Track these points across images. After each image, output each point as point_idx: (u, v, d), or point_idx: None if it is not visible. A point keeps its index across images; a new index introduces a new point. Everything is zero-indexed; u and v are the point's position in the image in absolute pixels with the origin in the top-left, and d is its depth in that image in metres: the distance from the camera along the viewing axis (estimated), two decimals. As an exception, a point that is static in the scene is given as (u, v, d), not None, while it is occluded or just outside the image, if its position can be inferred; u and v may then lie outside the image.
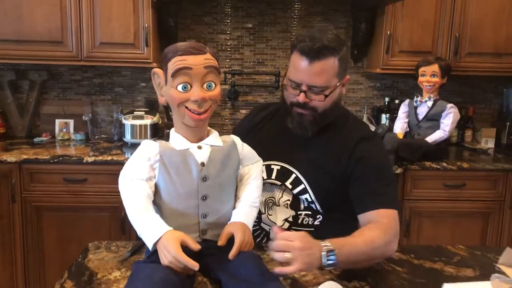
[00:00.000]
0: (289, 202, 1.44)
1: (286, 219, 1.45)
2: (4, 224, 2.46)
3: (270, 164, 1.46)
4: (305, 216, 1.43)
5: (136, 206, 1.07)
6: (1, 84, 2.98)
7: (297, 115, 1.39)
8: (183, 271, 1.03)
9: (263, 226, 1.49)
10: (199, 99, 1.08)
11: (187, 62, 1.07)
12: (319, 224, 1.43)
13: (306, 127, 1.40)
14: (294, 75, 1.35)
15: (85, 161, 2.43)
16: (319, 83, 1.33)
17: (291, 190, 1.42)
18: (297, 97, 1.36)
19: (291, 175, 1.43)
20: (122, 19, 2.64)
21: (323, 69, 1.32)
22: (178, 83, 1.08)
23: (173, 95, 1.09)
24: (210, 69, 1.09)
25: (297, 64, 1.34)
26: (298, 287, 1.11)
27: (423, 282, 1.16)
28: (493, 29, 2.77)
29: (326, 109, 1.37)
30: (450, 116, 2.62)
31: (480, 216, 2.62)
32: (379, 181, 1.34)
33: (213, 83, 1.11)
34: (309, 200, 1.41)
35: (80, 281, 1.09)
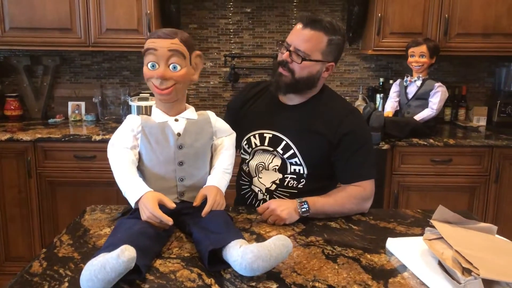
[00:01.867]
0: (277, 167, 1.62)
1: (274, 181, 1.63)
2: (22, 198, 2.70)
3: (263, 133, 1.63)
4: (291, 179, 1.61)
5: (122, 170, 1.26)
6: (17, 69, 3.20)
7: (278, 74, 1.56)
8: (159, 225, 1.21)
9: (253, 188, 1.67)
10: (159, 77, 1.25)
11: (154, 44, 1.25)
12: (302, 187, 1.61)
13: (281, 87, 1.56)
14: (289, 37, 1.55)
15: (94, 139, 2.64)
16: (303, 48, 1.50)
17: (282, 155, 1.60)
18: (283, 55, 1.54)
19: (281, 142, 1.60)
20: (126, 6, 2.81)
21: (310, 38, 1.50)
22: (147, 61, 1.26)
23: (144, 71, 1.28)
24: (173, 52, 1.25)
25: (294, 29, 1.54)
26: (262, 241, 1.27)
27: (372, 238, 1.32)
28: (482, 10, 2.85)
29: (302, 77, 1.53)
30: (437, 94, 2.73)
31: (466, 190, 2.75)
32: (361, 154, 1.56)
33: (178, 66, 1.27)
34: (298, 163, 1.58)
35: (75, 235, 1.29)
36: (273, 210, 1.40)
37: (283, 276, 1.07)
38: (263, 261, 1.03)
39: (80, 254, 1.17)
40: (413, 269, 1.11)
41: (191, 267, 1.11)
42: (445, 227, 1.16)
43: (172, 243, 1.24)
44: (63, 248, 1.20)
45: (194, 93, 3.33)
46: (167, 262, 1.13)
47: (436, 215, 1.20)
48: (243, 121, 1.68)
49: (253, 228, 1.36)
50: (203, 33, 3.24)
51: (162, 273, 1.08)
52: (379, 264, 1.15)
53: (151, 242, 1.15)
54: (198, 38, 3.24)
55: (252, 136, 1.65)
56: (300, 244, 1.26)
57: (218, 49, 3.27)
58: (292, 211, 1.41)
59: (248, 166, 1.67)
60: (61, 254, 1.17)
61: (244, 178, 1.71)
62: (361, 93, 3.27)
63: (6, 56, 3.21)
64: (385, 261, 1.17)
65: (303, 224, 1.40)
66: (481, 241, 1.12)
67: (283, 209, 1.40)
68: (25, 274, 1.06)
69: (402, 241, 1.25)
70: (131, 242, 1.04)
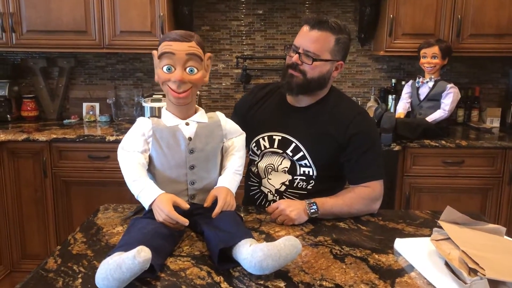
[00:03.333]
0: (287, 169, 1.63)
1: (283, 182, 1.65)
2: (38, 197, 2.76)
3: (272, 135, 1.65)
4: (300, 180, 1.63)
5: (133, 173, 1.28)
6: (34, 71, 3.26)
7: (289, 76, 1.57)
8: (175, 226, 1.24)
9: (263, 189, 1.69)
10: (177, 80, 1.26)
11: (171, 48, 1.26)
12: (311, 188, 1.63)
13: (293, 88, 1.58)
14: (296, 40, 1.57)
15: (107, 140, 2.68)
16: (312, 49, 1.52)
17: (291, 157, 1.61)
18: (293, 58, 1.56)
19: (291, 144, 1.62)
20: (140, 9, 2.85)
21: (318, 39, 1.52)
22: (163, 64, 1.27)
23: (159, 74, 1.29)
24: (191, 56, 1.27)
25: (301, 31, 1.57)
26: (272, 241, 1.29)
27: (381, 238, 1.33)
28: (495, 10, 2.83)
29: (313, 78, 1.55)
30: (450, 96, 2.72)
31: (478, 192, 2.73)
32: (370, 155, 1.58)
33: (195, 69, 1.28)
34: (307, 165, 1.60)
35: (88, 233, 1.32)
36: (282, 210, 1.42)
37: (291, 274, 1.09)
38: (272, 260, 1.04)
39: (93, 251, 1.20)
40: (420, 269, 1.12)
41: (201, 265, 1.13)
42: (452, 227, 1.16)
43: (183, 242, 1.26)
44: (77, 246, 1.23)
45: (207, 94, 3.36)
46: (177, 260, 1.16)
47: (444, 216, 1.21)
48: (251, 123, 1.69)
49: (262, 228, 1.38)
50: (215, 35, 3.27)
51: (172, 270, 1.10)
52: (387, 264, 1.16)
53: (165, 242, 1.17)
54: (211, 40, 3.28)
55: (261, 138, 1.67)
56: (309, 243, 1.28)
57: (230, 51, 3.30)
58: (301, 211, 1.43)
59: (257, 168, 1.69)
60: (75, 251, 1.20)
61: (253, 179, 1.73)
62: (373, 94, 3.27)
63: (23, 58, 3.28)
64: (393, 261, 1.18)
65: (312, 224, 1.42)
66: (488, 242, 1.13)
67: (292, 209, 1.42)
68: (40, 270, 1.10)
69: (410, 241, 1.26)
70: (145, 242, 1.07)
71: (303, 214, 1.43)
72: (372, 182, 1.57)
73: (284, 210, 1.42)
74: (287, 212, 1.41)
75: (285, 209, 1.42)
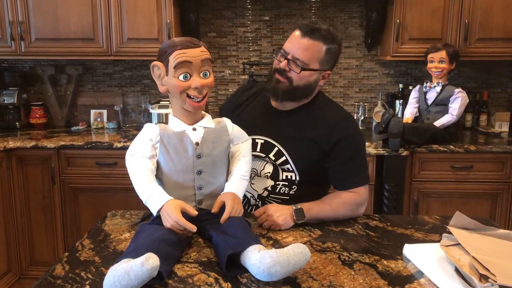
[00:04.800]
0: (269, 174, 1.62)
1: (266, 188, 1.63)
2: (46, 204, 2.77)
3: (255, 139, 1.63)
4: (282, 186, 1.62)
5: (142, 179, 1.28)
6: (42, 79, 3.29)
7: (275, 81, 1.55)
8: (183, 233, 1.24)
9: (246, 193, 1.67)
10: (199, 86, 1.27)
11: (188, 55, 1.26)
12: (293, 193, 1.62)
13: (279, 93, 1.56)
14: (286, 45, 1.54)
15: (115, 146, 2.69)
16: (301, 57, 1.50)
17: (274, 162, 1.60)
18: (281, 63, 1.54)
19: (273, 148, 1.60)
20: (147, 16, 2.88)
21: (309, 47, 1.50)
22: (180, 73, 1.27)
23: (175, 84, 1.28)
24: (205, 61, 1.29)
25: (292, 36, 1.54)
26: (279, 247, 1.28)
27: (389, 244, 1.32)
28: (502, 14, 2.81)
29: (299, 86, 1.54)
30: (458, 100, 2.71)
31: (488, 197, 2.70)
32: (355, 161, 1.58)
33: (208, 72, 1.31)
34: (290, 169, 1.59)
35: (96, 240, 1.32)
36: (269, 215, 1.42)
37: (299, 281, 1.08)
38: (281, 267, 1.04)
39: (100, 258, 1.20)
40: (430, 275, 1.11)
41: (208, 272, 1.12)
42: (462, 233, 1.15)
43: (191, 248, 1.26)
44: (85, 252, 1.23)
45: (213, 101, 3.37)
46: (185, 266, 1.15)
47: (453, 221, 1.19)
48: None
49: (270, 234, 1.38)
50: (222, 41, 3.29)
51: (180, 277, 1.10)
52: (396, 270, 1.15)
53: (172, 248, 1.17)
54: (217, 46, 3.29)
55: None
56: (317, 249, 1.27)
57: (237, 57, 3.31)
58: (288, 217, 1.43)
59: None
60: (83, 258, 1.20)
61: None
62: (380, 99, 3.26)
63: (31, 66, 3.31)
64: (402, 267, 1.17)
65: (319, 230, 1.41)
66: (498, 248, 1.12)
67: (279, 215, 1.42)
68: (48, 276, 1.10)
69: (419, 247, 1.24)
70: (153, 248, 1.07)
71: (290, 220, 1.43)
72: (358, 188, 1.56)
73: (271, 216, 1.41)
74: (274, 217, 1.41)
75: (272, 214, 1.42)
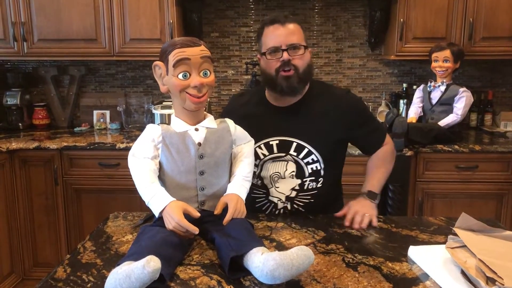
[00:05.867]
0: (294, 173, 1.62)
1: (293, 188, 1.63)
2: (49, 205, 2.76)
3: (268, 141, 1.62)
4: (310, 181, 1.62)
5: (144, 180, 1.27)
6: (45, 79, 3.29)
7: (283, 79, 1.53)
8: (185, 234, 1.22)
9: (271, 199, 1.66)
10: (198, 85, 1.26)
11: (186, 53, 1.25)
12: (321, 185, 1.64)
13: (295, 86, 1.55)
14: (272, 42, 1.54)
15: (118, 147, 2.69)
16: (295, 40, 1.52)
17: (296, 157, 1.60)
18: (281, 58, 1.52)
19: (292, 145, 1.60)
20: (149, 16, 2.87)
21: (294, 29, 1.54)
22: (179, 72, 1.26)
23: (175, 82, 1.28)
24: (205, 59, 1.28)
25: (272, 32, 1.55)
26: (283, 249, 1.27)
27: (394, 245, 1.30)
28: (507, 13, 2.79)
29: (305, 68, 1.55)
30: (462, 100, 2.68)
31: (493, 198, 2.68)
32: (372, 120, 1.74)
33: (208, 71, 1.30)
34: (315, 160, 1.60)
35: (98, 242, 1.31)
36: (360, 213, 1.48)
37: (302, 284, 1.07)
38: (284, 270, 1.02)
39: (102, 260, 1.19)
40: (435, 278, 1.09)
41: (211, 274, 1.11)
42: (468, 235, 1.13)
43: (193, 250, 1.25)
44: (86, 255, 1.22)
45: (216, 101, 3.36)
46: (187, 269, 1.14)
47: (459, 222, 1.18)
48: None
49: (273, 236, 1.36)
50: (225, 41, 3.27)
51: (182, 279, 1.09)
52: (401, 273, 1.13)
53: (175, 251, 1.16)
54: (220, 46, 3.28)
55: (257, 148, 1.62)
56: (320, 251, 1.25)
57: (240, 57, 3.29)
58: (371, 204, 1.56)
59: (261, 179, 1.65)
60: (85, 260, 1.19)
61: (257, 191, 1.68)
62: (384, 99, 3.24)
63: (34, 67, 3.31)
64: (407, 269, 1.15)
65: (323, 232, 1.40)
66: (505, 250, 1.10)
67: (366, 208, 1.51)
68: (49, 279, 1.09)
69: (424, 249, 1.23)
70: (155, 251, 1.06)
71: (373, 205, 1.56)
72: (386, 139, 1.74)
73: (360, 212, 1.48)
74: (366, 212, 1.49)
75: (360, 210, 1.49)
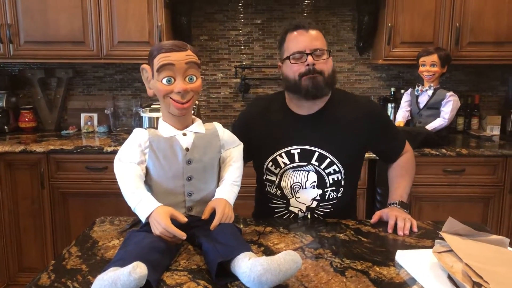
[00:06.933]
0: (316, 183, 1.61)
1: (314, 198, 1.62)
2: (35, 209, 2.73)
3: (290, 150, 1.60)
4: (331, 192, 1.63)
5: (130, 185, 1.26)
6: (32, 82, 3.25)
7: (309, 81, 1.52)
8: (172, 240, 1.21)
9: (292, 209, 1.65)
10: (181, 91, 1.25)
11: (170, 59, 1.24)
12: (341, 195, 1.65)
13: (321, 87, 1.53)
14: (296, 47, 1.53)
15: (105, 150, 2.66)
16: (319, 46, 1.53)
17: (318, 167, 1.59)
18: (305, 62, 1.52)
19: (314, 154, 1.59)
20: (138, 19, 2.85)
21: (318, 35, 1.55)
22: (163, 77, 1.26)
23: (159, 87, 1.27)
24: (190, 64, 1.27)
25: (295, 38, 1.55)
26: (270, 254, 1.27)
27: (382, 250, 1.30)
28: (494, 18, 2.82)
29: (329, 73, 1.55)
30: (449, 104, 2.71)
31: (480, 201, 2.71)
32: (391, 128, 1.75)
33: (194, 76, 1.28)
34: (337, 170, 1.60)
35: (84, 247, 1.30)
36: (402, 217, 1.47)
37: (290, 289, 1.06)
38: (272, 275, 1.02)
39: (88, 266, 1.17)
40: (422, 282, 1.10)
41: (198, 280, 1.10)
42: (455, 239, 1.14)
43: (180, 255, 1.24)
44: (72, 260, 1.21)
45: (205, 104, 3.35)
46: (174, 274, 1.13)
47: (446, 227, 1.18)
48: (260, 143, 1.64)
49: (261, 240, 1.36)
50: (214, 45, 3.27)
51: (169, 285, 1.08)
52: (388, 277, 1.13)
53: (162, 256, 1.15)
54: (209, 49, 3.27)
55: (278, 155, 1.61)
56: (308, 256, 1.25)
57: (229, 60, 3.29)
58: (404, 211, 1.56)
59: (280, 189, 1.64)
60: (70, 266, 1.18)
61: (276, 201, 1.67)
62: (372, 103, 3.25)
63: (21, 69, 3.27)
64: (394, 274, 1.15)
65: (311, 236, 1.40)
66: (492, 254, 1.10)
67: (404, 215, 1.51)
68: (33, 286, 1.07)
69: (411, 253, 1.23)
70: (141, 256, 1.04)
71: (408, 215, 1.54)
72: (405, 147, 1.77)
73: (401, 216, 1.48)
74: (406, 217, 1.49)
75: (400, 215, 1.49)
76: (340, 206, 1.65)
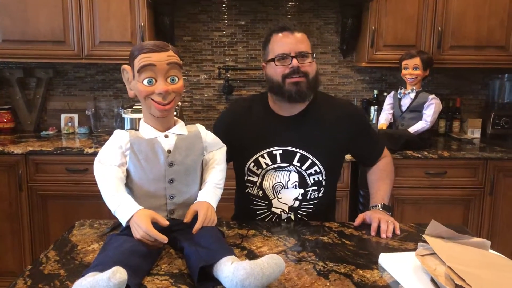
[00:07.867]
0: (297, 183, 1.61)
1: (296, 198, 1.62)
2: (13, 212, 2.66)
3: (272, 151, 1.60)
4: (312, 191, 1.63)
5: (110, 188, 1.23)
6: (10, 82, 3.18)
7: (292, 85, 1.51)
8: (153, 244, 1.19)
9: (274, 210, 1.64)
10: (163, 92, 1.23)
11: (151, 59, 1.22)
12: (322, 195, 1.65)
13: (304, 92, 1.53)
14: (281, 49, 1.52)
15: (86, 152, 2.62)
16: (304, 49, 1.52)
17: (299, 168, 1.59)
18: (290, 65, 1.51)
19: (295, 155, 1.59)
20: (120, 19, 2.81)
21: (303, 38, 1.55)
22: (144, 77, 1.23)
23: (139, 88, 1.24)
24: (172, 65, 1.24)
25: (281, 39, 1.54)
26: (253, 257, 1.25)
27: (365, 253, 1.30)
28: (475, 23, 2.86)
29: (313, 76, 1.55)
30: (431, 107, 2.73)
31: (461, 203, 2.73)
32: (371, 133, 1.75)
33: (176, 77, 1.26)
34: (318, 171, 1.60)
35: (62, 251, 1.26)
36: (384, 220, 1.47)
37: (273, 293, 1.05)
38: (255, 279, 1.00)
39: (66, 271, 1.14)
40: (405, 285, 1.09)
41: (180, 284, 1.08)
42: (437, 242, 1.14)
43: (162, 259, 1.21)
44: (49, 265, 1.17)
45: (188, 105, 3.32)
46: (155, 279, 1.11)
47: (428, 229, 1.18)
48: (242, 143, 1.62)
49: (244, 244, 1.34)
50: (197, 46, 3.24)
51: (149, 290, 1.05)
52: (372, 280, 1.13)
53: (142, 260, 1.12)
54: (192, 50, 3.24)
55: (260, 156, 1.60)
56: (291, 259, 1.24)
57: (212, 62, 3.27)
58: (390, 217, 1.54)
59: (263, 190, 1.63)
60: (47, 271, 1.14)
61: (258, 203, 1.65)
62: (355, 105, 3.27)
63: (-1, 68, 3.20)
64: (378, 277, 1.15)
65: (294, 239, 1.39)
66: (474, 257, 1.11)
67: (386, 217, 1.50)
68: (8, 292, 1.04)
69: (395, 256, 1.23)
70: (121, 261, 1.02)
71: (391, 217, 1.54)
72: (384, 152, 1.78)
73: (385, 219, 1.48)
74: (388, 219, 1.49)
75: (383, 217, 1.49)
76: (322, 206, 1.66)
